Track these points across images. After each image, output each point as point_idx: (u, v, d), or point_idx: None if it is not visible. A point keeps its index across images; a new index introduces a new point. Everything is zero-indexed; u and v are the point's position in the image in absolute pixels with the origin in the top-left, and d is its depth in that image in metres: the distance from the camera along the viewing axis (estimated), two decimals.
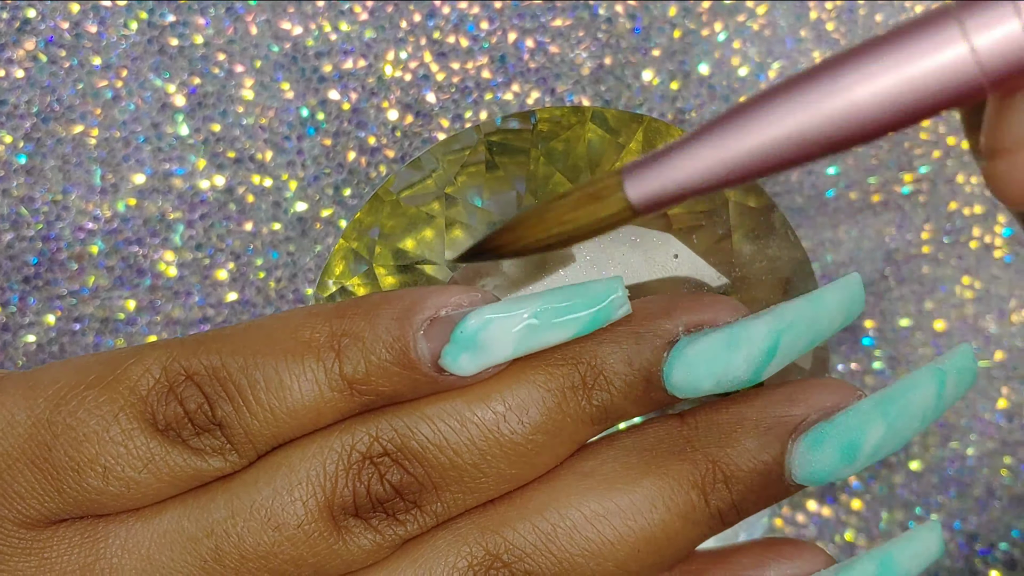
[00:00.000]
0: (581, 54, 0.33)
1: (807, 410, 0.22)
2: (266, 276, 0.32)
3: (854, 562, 0.22)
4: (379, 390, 0.21)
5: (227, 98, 0.33)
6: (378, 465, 0.21)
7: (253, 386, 0.21)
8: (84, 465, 0.21)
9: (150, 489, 0.21)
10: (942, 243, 0.33)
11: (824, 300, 0.22)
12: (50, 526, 0.22)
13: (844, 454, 0.22)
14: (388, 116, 0.33)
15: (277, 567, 0.21)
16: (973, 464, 0.33)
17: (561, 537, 0.22)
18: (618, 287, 0.21)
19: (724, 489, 0.22)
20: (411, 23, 0.33)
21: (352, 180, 0.33)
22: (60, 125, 0.32)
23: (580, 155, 0.27)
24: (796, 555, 0.23)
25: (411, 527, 0.22)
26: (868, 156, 0.33)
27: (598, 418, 0.22)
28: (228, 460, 0.21)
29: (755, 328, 0.22)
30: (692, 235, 0.27)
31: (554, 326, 0.21)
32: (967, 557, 0.33)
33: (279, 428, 0.21)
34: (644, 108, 0.33)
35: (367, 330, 0.21)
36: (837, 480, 0.22)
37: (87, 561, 0.21)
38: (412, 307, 0.21)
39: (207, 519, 0.21)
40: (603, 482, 0.22)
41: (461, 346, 0.21)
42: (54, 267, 0.32)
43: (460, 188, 0.27)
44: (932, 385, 0.22)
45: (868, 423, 0.22)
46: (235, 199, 0.32)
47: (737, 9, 0.33)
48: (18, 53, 0.32)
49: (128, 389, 0.21)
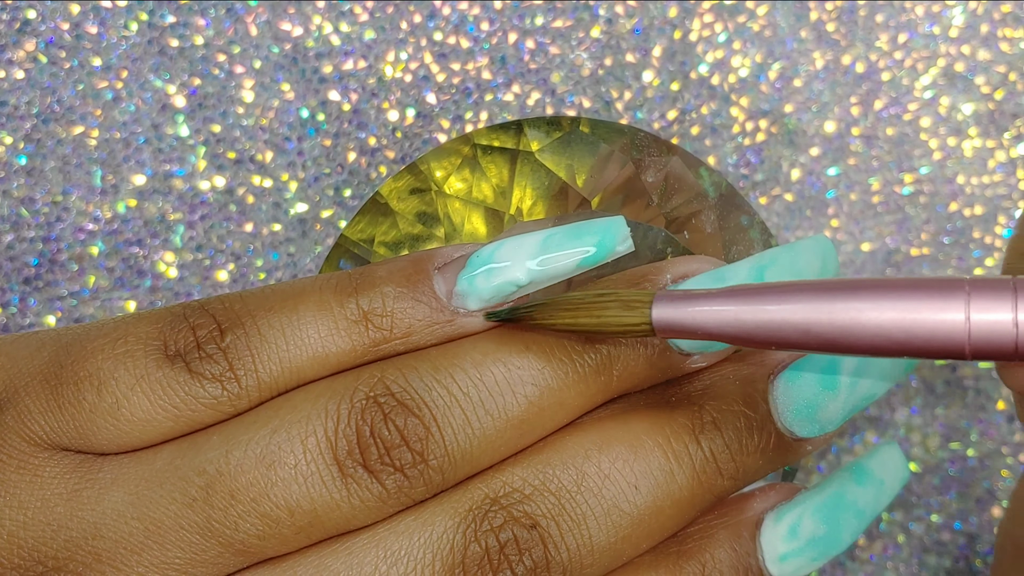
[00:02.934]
0: (581, 55, 0.33)
1: (783, 356, 0.23)
2: (266, 277, 0.32)
3: (830, 476, 0.24)
4: (394, 323, 0.22)
5: (227, 99, 0.33)
6: (382, 405, 0.21)
7: (270, 315, 0.21)
8: (83, 378, 0.21)
9: (140, 411, 0.21)
10: (943, 244, 0.33)
11: (797, 248, 0.23)
12: (50, 449, 0.22)
13: (823, 382, 0.23)
14: (388, 117, 0.33)
15: (268, 511, 0.21)
16: (974, 465, 0.33)
17: (560, 476, 0.22)
18: (621, 223, 0.22)
19: (714, 429, 0.23)
20: (411, 24, 0.33)
21: (352, 181, 0.33)
22: (60, 126, 0.32)
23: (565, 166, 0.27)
24: (781, 488, 0.24)
25: (416, 484, 0.21)
26: (869, 157, 0.33)
27: (603, 367, 0.22)
28: (226, 389, 0.21)
29: (738, 267, 0.23)
30: (683, 230, 0.27)
31: (563, 249, 0.22)
32: (967, 558, 0.33)
33: (286, 359, 0.21)
34: (644, 109, 0.33)
35: (383, 272, 0.22)
36: (827, 421, 0.23)
37: (76, 487, 0.21)
38: (426, 255, 0.22)
39: (200, 457, 0.21)
40: (596, 424, 0.23)
41: (476, 265, 0.22)
42: (54, 268, 0.32)
43: (453, 193, 0.27)
44: None
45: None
46: (235, 200, 0.32)
47: (737, 10, 0.33)
48: (18, 54, 0.32)
49: (146, 321, 0.22)
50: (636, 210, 0.27)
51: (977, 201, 0.33)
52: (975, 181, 0.33)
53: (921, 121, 0.33)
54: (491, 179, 0.27)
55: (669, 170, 0.27)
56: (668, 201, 0.27)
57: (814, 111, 0.33)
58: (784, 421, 0.23)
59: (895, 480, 0.24)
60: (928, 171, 0.33)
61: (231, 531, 0.21)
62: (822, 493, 0.24)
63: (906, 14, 0.33)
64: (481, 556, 0.21)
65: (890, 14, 0.33)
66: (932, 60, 0.33)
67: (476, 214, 0.27)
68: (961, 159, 0.33)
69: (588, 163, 0.27)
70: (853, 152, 0.33)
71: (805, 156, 0.33)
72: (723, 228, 0.27)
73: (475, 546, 0.21)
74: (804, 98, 0.33)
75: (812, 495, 0.23)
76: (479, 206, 0.27)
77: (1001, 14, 0.34)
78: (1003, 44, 0.34)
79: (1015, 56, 0.34)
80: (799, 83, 0.33)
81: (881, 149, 0.33)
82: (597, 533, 0.22)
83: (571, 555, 0.21)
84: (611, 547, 0.22)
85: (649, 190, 0.27)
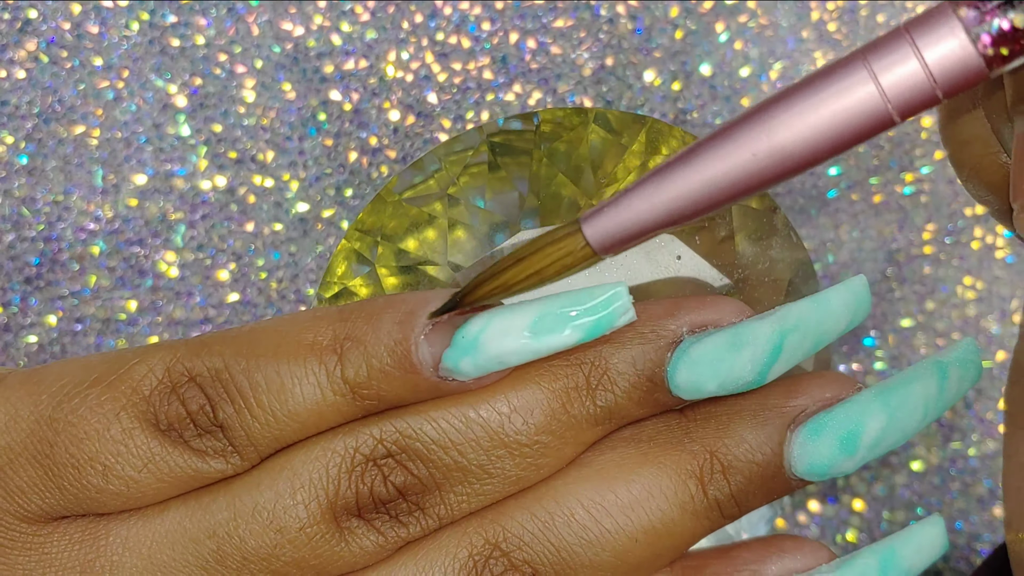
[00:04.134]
0: (583, 55, 0.33)
1: (806, 401, 0.22)
2: (267, 277, 0.32)
3: (855, 556, 0.22)
4: (381, 394, 0.21)
5: (228, 99, 0.33)
6: (381, 467, 0.21)
7: (255, 388, 0.21)
8: (84, 463, 0.21)
9: (150, 489, 0.21)
10: (944, 243, 0.33)
11: (829, 302, 0.22)
12: (51, 522, 0.22)
13: (843, 444, 0.21)
14: (390, 116, 0.33)
15: (279, 568, 0.21)
16: (975, 464, 0.33)
17: (559, 526, 0.22)
18: (622, 294, 0.21)
19: (722, 479, 0.22)
20: (412, 24, 0.33)
21: (354, 180, 0.33)
22: (61, 126, 0.32)
23: (582, 156, 0.27)
24: (797, 550, 0.23)
25: (413, 529, 0.22)
26: (870, 157, 0.33)
27: (602, 419, 0.22)
28: (230, 462, 0.21)
29: (760, 329, 0.22)
30: (695, 236, 0.27)
31: (556, 332, 0.21)
32: (968, 558, 0.33)
33: (281, 430, 0.21)
34: (646, 108, 0.33)
35: (369, 333, 0.21)
36: (838, 474, 0.22)
37: (88, 558, 0.21)
38: (415, 311, 0.21)
39: (209, 520, 0.21)
40: (600, 472, 0.22)
41: (462, 350, 0.21)
42: (55, 268, 0.32)
43: (462, 189, 0.27)
44: (933, 377, 0.22)
45: (868, 413, 0.21)
46: (236, 199, 0.32)
47: (739, 10, 0.33)
48: (20, 54, 0.32)
49: (131, 388, 0.21)
50: None
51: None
52: None
53: (922, 121, 0.33)
54: (505, 175, 0.27)
55: None
56: None
57: None
58: (796, 472, 0.22)
59: (925, 564, 0.23)
60: (929, 171, 0.33)
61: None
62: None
63: (907, 14, 0.34)
64: None
65: (891, 14, 0.34)
66: None
67: (485, 214, 0.27)
68: None
69: (604, 155, 0.27)
70: (854, 152, 0.33)
71: None
72: (741, 227, 0.27)
73: None
74: None
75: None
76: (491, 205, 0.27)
77: None
78: None
79: None
80: None
81: (882, 148, 0.33)
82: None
83: None
84: None
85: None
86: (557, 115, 0.27)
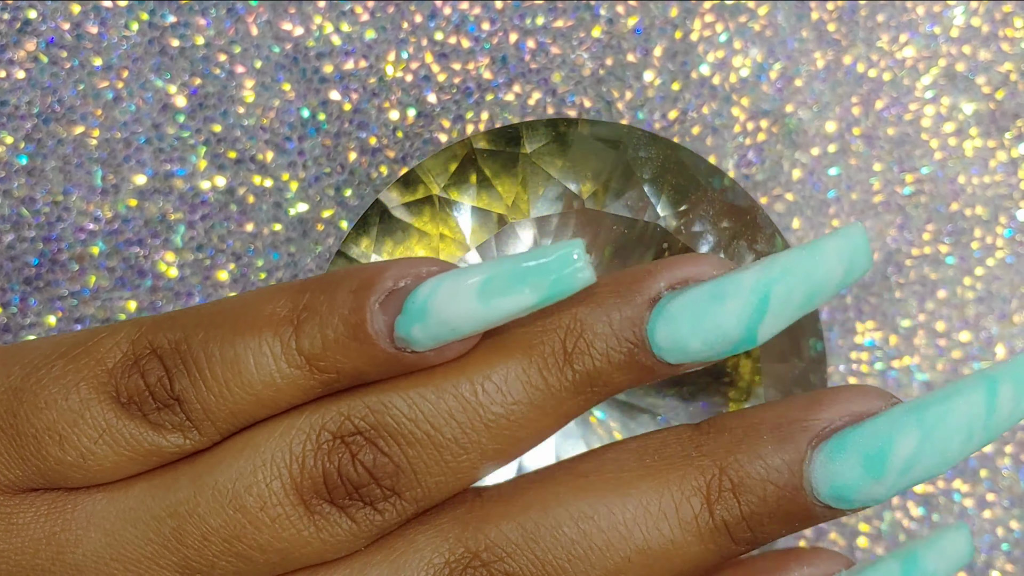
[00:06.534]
0: (582, 55, 0.33)
1: (833, 415, 0.20)
2: (267, 277, 0.32)
3: (877, 562, 0.20)
4: (338, 367, 0.20)
5: (228, 99, 0.33)
6: (349, 445, 0.20)
7: (210, 359, 0.20)
8: (42, 431, 0.21)
9: (108, 462, 0.21)
10: (944, 244, 0.33)
11: (821, 249, 0.20)
12: (19, 493, 0.21)
13: (869, 465, 0.19)
14: (389, 117, 0.33)
15: (241, 551, 0.20)
16: (975, 464, 0.33)
17: (545, 539, 0.20)
18: (578, 250, 0.19)
19: (732, 498, 0.20)
20: (412, 24, 0.33)
21: (353, 181, 0.33)
22: (61, 126, 0.32)
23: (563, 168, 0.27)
24: (816, 558, 0.21)
25: (389, 516, 0.20)
26: (870, 157, 0.33)
27: (583, 386, 0.20)
28: (188, 437, 0.21)
29: (742, 279, 0.20)
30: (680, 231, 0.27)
31: (507, 295, 0.19)
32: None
33: (236, 404, 0.21)
34: (645, 109, 0.33)
35: (325, 304, 0.20)
36: (868, 500, 0.20)
37: (53, 530, 0.21)
38: (371, 280, 0.20)
39: (171, 498, 0.21)
40: (596, 483, 0.20)
41: (412, 316, 0.20)
42: (55, 268, 0.32)
43: (450, 201, 0.27)
44: (980, 393, 0.19)
45: (898, 430, 0.19)
46: (236, 200, 0.32)
47: (738, 10, 0.33)
48: (19, 54, 0.32)
49: (95, 361, 0.21)
50: (635, 208, 0.27)
51: (978, 201, 0.33)
52: (976, 181, 0.33)
53: (922, 121, 0.33)
54: (490, 184, 0.27)
55: (668, 168, 0.27)
56: (667, 199, 0.27)
57: (815, 111, 0.33)
58: (818, 497, 0.20)
59: (950, 571, 0.21)
60: (929, 171, 0.33)
61: (208, 569, 0.21)
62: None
63: (907, 14, 0.33)
64: None
65: (891, 14, 0.33)
66: (933, 60, 0.33)
67: (475, 220, 0.27)
68: (962, 159, 0.33)
69: (586, 164, 0.27)
70: (854, 152, 0.33)
71: (806, 156, 0.33)
72: (726, 225, 0.27)
73: None
74: (805, 98, 0.33)
75: None
76: (478, 211, 0.27)
77: (1002, 14, 0.34)
78: (1004, 44, 0.34)
79: (1016, 56, 0.34)
80: (800, 83, 0.33)
81: (882, 149, 0.33)
82: None
83: None
84: None
85: (648, 189, 0.27)
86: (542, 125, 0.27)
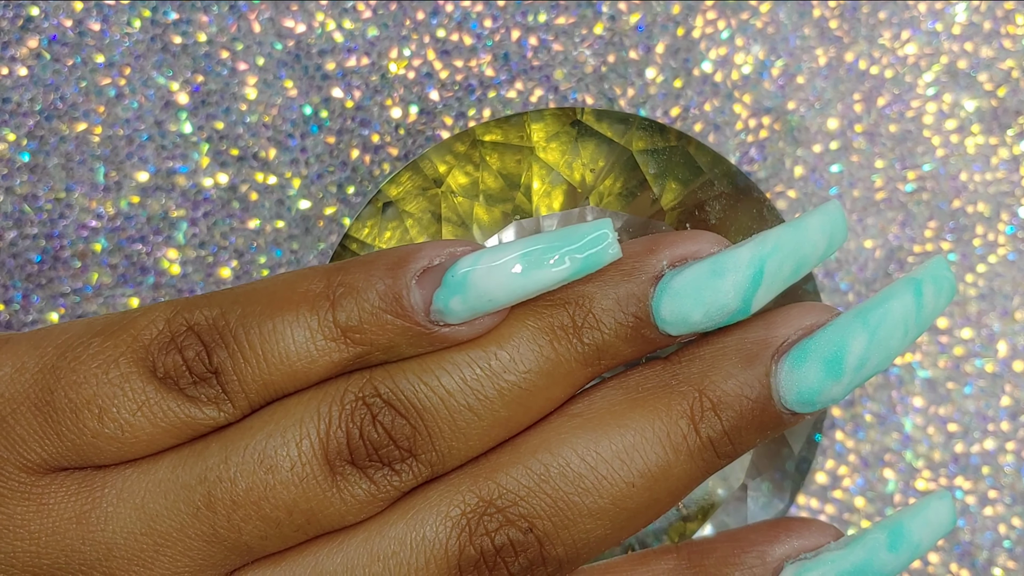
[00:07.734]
0: (584, 52, 0.33)
1: (788, 330, 0.22)
2: (270, 274, 0.32)
3: (864, 533, 0.22)
4: (373, 339, 0.21)
5: (230, 96, 0.33)
6: (371, 407, 0.21)
7: (248, 332, 0.21)
8: (81, 406, 0.21)
9: (144, 434, 0.21)
10: (946, 241, 0.33)
11: (806, 225, 0.22)
12: (49, 473, 0.22)
13: (829, 368, 0.22)
14: (391, 114, 0.33)
15: (269, 513, 0.21)
16: (976, 462, 0.33)
17: (555, 477, 0.22)
18: (607, 229, 0.21)
19: (713, 416, 0.22)
20: (414, 21, 0.33)
21: (355, 178, 0.33)
22: (63, 123, 0.32)
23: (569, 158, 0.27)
24: (805, 528, 0.23)
25: (406, 477, 0.22)
26: (872, 154, 0.33)
27: (591, 358, 0.22)
28: (222, 410, 0.22)
29: (739, 255, 0.22)
30: (686, 224, 0.27)
31: (543, 268, 0.21)
32: (969, 554, 0.33)
33: (270, 376, 0.21)
34: (647, 106, 0.33)
35: (361, 279, 0.22)
36: (829, 401, 0.22)
37: (83, 509, 0.22)
38: (406, 257, 0.22)
39: (200, 466, 0.21)
40: (592, 420, 0.22)
41: (452, 288, 0.21)
42: (57, 265, 0.32)
43: (454, 190, 0.27)
44: (909, 293, 0.22)
45: (849, 334, 0.22)
46: (238, 197, 0.32)
47: (740, 7, 0.33)
48: (21, 51, 0.32)
49: (132, 337, 0.22)
50: (639, 202, 0.27)
51: (980, 198, 0.33)
52: (978, 178, 0.33)
53: (924, 118, 0.33)
54: (496, 174, 0.27)
55: (673, 159, 0.27)
56: (672, 190, 0.27)
57: (817, 108, 0.33)
58: (785, 404, 0.22)
59: (934, 539, 0.23)
60: (931, 168, 0.33)
61: (235, 535, 0.21)
62: (848, 559, 0.22)
63: (909, 11, 0.34)
64: (476, 559, 0.21)
65: (893, 11, 0.34)
66: (935, 57, 0.33)
67: (482, 210, 0.27)
68: (964, 156, 0.33)
69: (589, 154, 0.27)
70: (856, 149, 0.33)
71: (808, 153, 0.33)
72: (731, 218, 0.27)
73: (470, 549, 0.21)
74: (807, 95, 0.33)
75: (838, 559, 0.22)
76: (486, 201, 0.27)
77: (1004, 11, 0.34)
78: (1006, 41, 0.34)
79: (1018, 53, 0.34)
80: (802, 80, 0.33)
81: (884, 146, 0.33)
82: (593, 528, 0.22)
83: (567, 551, 0.22)
84: (608, 538, 0.22)
85: (652, 180, 0.27)
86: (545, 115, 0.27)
